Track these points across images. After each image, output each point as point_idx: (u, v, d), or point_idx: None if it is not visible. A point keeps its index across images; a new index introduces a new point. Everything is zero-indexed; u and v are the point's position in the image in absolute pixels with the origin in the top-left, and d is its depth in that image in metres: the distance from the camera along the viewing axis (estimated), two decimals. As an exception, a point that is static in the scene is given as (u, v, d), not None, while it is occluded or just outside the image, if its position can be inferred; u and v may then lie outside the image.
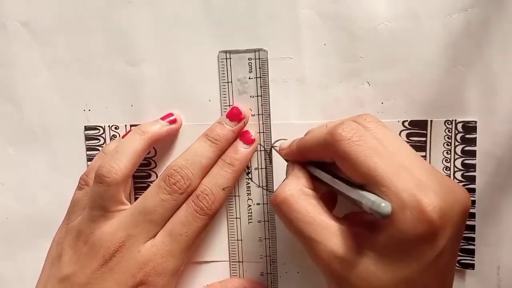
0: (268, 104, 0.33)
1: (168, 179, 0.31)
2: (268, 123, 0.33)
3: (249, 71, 0.32)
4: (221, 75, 0.33)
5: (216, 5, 0.32)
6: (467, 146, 0.31)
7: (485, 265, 0.32)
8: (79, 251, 0.31)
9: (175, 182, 0.31)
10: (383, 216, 0.22)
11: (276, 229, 0.34)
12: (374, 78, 0.32)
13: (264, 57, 0.32)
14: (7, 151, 0.35)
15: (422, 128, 0.31)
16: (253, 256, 0.34)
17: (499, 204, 0.31)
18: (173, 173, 0.31)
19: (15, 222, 0.36)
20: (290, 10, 0.32)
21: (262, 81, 0.32)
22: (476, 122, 0.31)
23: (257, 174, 0.33)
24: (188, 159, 0.31)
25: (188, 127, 0.33)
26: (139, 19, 0.33)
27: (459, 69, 0.31)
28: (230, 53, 0.32)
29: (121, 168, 0.30)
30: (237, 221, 0.34)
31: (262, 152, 0.33)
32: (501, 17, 0.30)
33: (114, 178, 0.30)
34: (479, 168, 0.31)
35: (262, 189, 0.33)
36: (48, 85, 0.34)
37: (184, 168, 0.31)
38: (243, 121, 0.32)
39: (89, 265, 0.30)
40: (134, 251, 0.30)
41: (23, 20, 0.34)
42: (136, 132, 0.32)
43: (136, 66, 0.33)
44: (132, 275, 0.30)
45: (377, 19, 0.31)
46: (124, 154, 0.31)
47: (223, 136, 0.32)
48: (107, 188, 0.30)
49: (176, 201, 0.31)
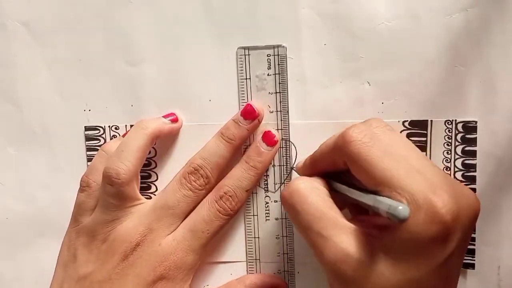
0: (287, 101, 0.32)
1: (189, 176, 0.32)
2: (286, 120, 0.33)
3: (268, 68, 0.32)
4: (239, 71, 0.33)
5: (216, 5, 0.32)
6: (468, 146, 0.31)
7: (485, 265, 0.32)
8: (96, 249, 0.31)
9: (195, 180, 0.31)
10: (401, 219, 0.22)
11: (293, 227, 0.33)
12: (374, 78, 0.32)
13: (283, 54, 0.32)
14: (7, 151, 0.35)
15: (422, 128, 0.31)
16: (270, 254, 0.34)
17: (499, 204, 0.31)
18: (193, 170, 0.32)
19: (15, 222, 0.36)
20: (290, 10, 0.32)
21: (280, 77, 0.32)
22: (476, 122, 0.31)
23: (273, 172, 0.33)
24: (205, 158, 0.32)
25: (188, 127, 0.33)
26: (139, 19, 0.33)
27: (459, 69, 0.31)
28: (249, 49, 0.32)
29: (129, 167, 0.30)
30: (254, 218, 0.34)
31: (281, 149, 0.33)
32: (501, 17, 0.30)
33: (124, 179, 0.30)
34: (479, 168, 0.31)
35: (280, 186, 0.33)
36: (48, 85, 0.34)
37: (203, 167, 0.32)
38: (257, 119, 0.32)
39: (109, 261, 0.30)
40: (155, 244, 0.30)
41: (23, 20, 0.34)
42: (138, 127, 0.32)
43: (136, 66, 0.33)
44: (153, 268, 0.30)
45: (377, 19, 0.31)
46: (130, 152, 0.31)
47: (238, 135, 0.32)
48: (120, 189, 0.30)
49: (198, 197, 0.32)
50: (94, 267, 0.30)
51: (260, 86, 0.32)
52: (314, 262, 0.33)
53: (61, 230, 0.35)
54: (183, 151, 0.33)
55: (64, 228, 0.34)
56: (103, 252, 0.30)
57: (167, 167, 0.34)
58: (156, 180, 0.34)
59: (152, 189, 0.34)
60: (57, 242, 0.34)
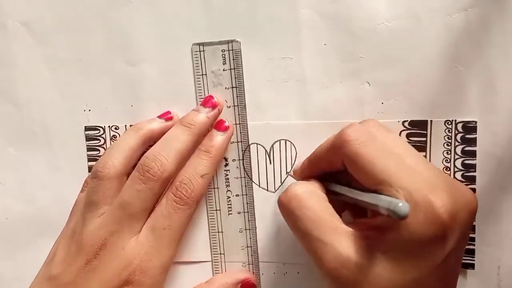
0: (243, 95, 0.32)
1: (141, 167, 0.30)
2: (244, 114, 0.33)
3: (223, 63, 0.32)
4: (195, 68, 0.33)
5: (216, 5, 0.32)
6: (467, 146, 0.31)
7: (485, 265, 0.32)
8: (69, 251, 0.30)
9: (148, 170, 0.30)
10: (401, 216, 0.22)
11: (255, 221, 0.34)
12: (374, 78, 0.32)
13: (238, 48, 0.32)
14: (7, 151, 0.35)
15: (422, 128, 0.31)
16: (234, 247, 0.34)
17: (499, 204, 0.31)
18: (146, 161, 0.30)
19: (15, 222, 0.36)
20: (290, 10, 0.32)
21: (236, 72, 0.32)
22: (476, 122, 0.31)
23: (234, 166, 0.33)
24: (161, 145, 0.31)
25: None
26: (139, 19, 0.33)
27: (459, 69, 0.31)
28: (204, 45, 0.32)
29: (114, 163, 0.30)
30: (217, 213, 0.34)
31: (238, 143, 0.33)
32: (501, 17, 0.30)
33: (107, 173, 0.30)
34: (479, 168, 0.31)
35: (241, 180, 0.33)
36: (48, 85, 0.34)
37: (157, 154, 0.30)
38: (217, 108, 0.32)
39: (75, 264, 0.30)
40: (118, 248, 0.29)
41: (23, 20, 0.34)
42: (131, 129, 0.32)
43: (136, 66, 0.33)
44: (117, 274, 0.29)
45: (377, 19, 0.31)
46: (118, 150, 0.31)
47: (198, 121, 0.32)
48: (100, 182, 0.30)
49: (152, 191, 0.30)
50: (63, 268, 0.30)
51: (216, 82, 0.33)
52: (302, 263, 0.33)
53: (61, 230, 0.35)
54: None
55: (64, 228, 0.34)
56: (72, 254, 0.30)
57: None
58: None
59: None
60: (57, 242, 0.34)
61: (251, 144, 0.33)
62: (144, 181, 0.30)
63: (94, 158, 0.34)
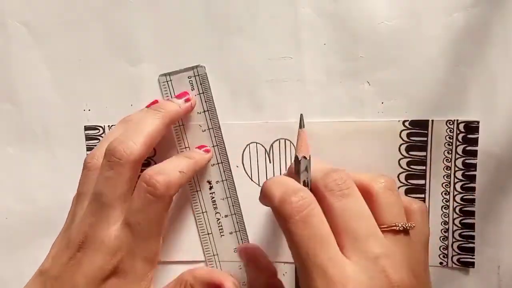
0: (216, 117, 0.33)
1: (108, 152, 0.28)
2: (220, 135, 0.33)
3: (191, 89, 0.33)
4: (165, 97, 0.33)
5: (216, 5, 0.32)
6: (469, 146, 0.31)
7: (485, 265, 0.32)
8: (60, 245, 0.30)
9: (114, 153, 0.28)
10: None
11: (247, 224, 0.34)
12: (374, 78, 0.32)
13: (203, 73, 0.33)
14: (7, 151, 0.35)
15: (423, 128, 0.31)
16: (227, 250, 0.34)
17: (499, 204, 0.31)
18: (112, 144, 0.28)
19: (15, 222, 0.36)
20: (290, 10, 0.32)
21: (205, 96, 0.33)
22: (478, 123, 0.31)
23: (219, 188, 0.33)
24: (128, 129, 0.30)
25: (188, 126, 0.33)
26: (139, 19, 0.33)
27: (460, 69, 0.31)
28: (170, 75, 0.33)
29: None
30: (210, 236, 0.34)
31: (219, 165, 0.33)
32: (501, 17, 0.30)
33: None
34: (480, 168, 0.31)
35: (227, 200, 0.33)
36: (48, 85, 0.34)
37: (124, 137, 0.29)
38: (190, 103, 0.32)
39: (61, 258, 0.29)
40: (98, 241, 0.28)
41: (23, 20, 0.34)
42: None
43: (136, 66, 0.33)
44: (100, 267, 0.28)
45: (377, 19, 0.31)
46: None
47: (169, 107, 0.31)
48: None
49: (122, 176, 0.28)
50: (53, 262, 0.29)
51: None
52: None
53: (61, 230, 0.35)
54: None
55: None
56: (62, 248, 0.29)
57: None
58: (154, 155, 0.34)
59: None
60: (57, 242, 0.34)
61: (250, 143, 0.33)
62: (111, 165, 0.28)
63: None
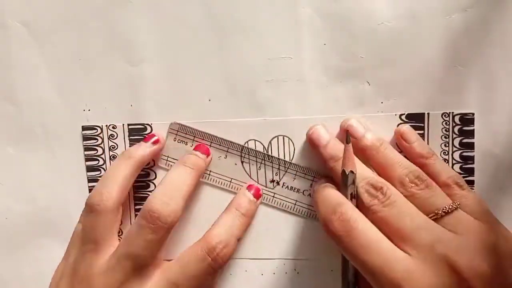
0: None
1: (149, 214, 0.28)
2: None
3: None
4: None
5: (216, 5, 0.32)
6: (465, 139, 0.31)
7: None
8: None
9: (158, 217, 0.28)
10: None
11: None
12: (374, 78, 0.32)
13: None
14: (7, 151, 0.35)
15: (419, 121, 0.32)
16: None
17: (499, 204, 0.31)
18: (154, 206, 0.28)
19: (15, 222, 0.36)
20: (290, 10, 0.32)
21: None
22: (473, 114, 0.31)
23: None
24: (168, 189, 0.30)
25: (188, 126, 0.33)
26: (139, 19, 0.33)
27: (459, 69, 0.31)
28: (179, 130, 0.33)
29: (111, 195, 0.30)
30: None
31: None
32: (500, 17, 0.30)
33: (104, 206, 0.29)
34: (478, 168, 0.31)
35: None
36: (48, 85, 0.34)
37: (162, 195, 0.29)
38: (210, 157, 0.33)
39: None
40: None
41: (23, 20, 0.34)
42: (122, 157, 0.32)
43: (136, 66, 0.33)
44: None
45: (377, 19, 0.31)
46: (112, 180, 0.30)
47: (199, 164, 0.32)
48: (98, 217, 0.29)
49: (163, 239, 0.29)
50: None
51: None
52: (313, 260, 0.33)
53: (61, 230, 0.35)
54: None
55: (63, 228, 0.34)
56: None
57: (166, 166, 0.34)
58: (155, 178, 0.34)
59: (151, 188, 0.34)
60: (57, 242, 0.34)
61: (249, 140, 0.33)
62: (155, 230, 0.28)
63: (92, 157, 0.34)
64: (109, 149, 0.34)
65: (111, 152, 0.34)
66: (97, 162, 0.34)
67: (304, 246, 0.33)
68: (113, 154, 0.34)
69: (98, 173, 0.34)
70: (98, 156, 0.34)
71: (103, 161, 0.34)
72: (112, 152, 0.34)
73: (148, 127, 0.34)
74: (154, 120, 0.34)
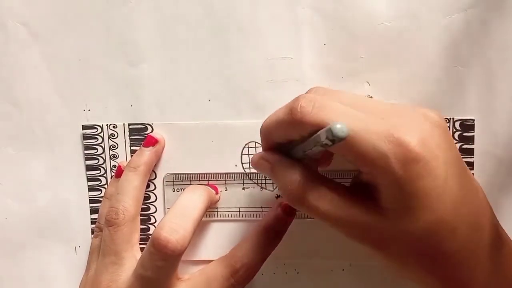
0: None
1: (158, 243, 0.28)
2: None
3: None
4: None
5: (216, 5, 0.32)
6: (465, 145, 0.31)
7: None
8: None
9: (166, 244, 0.27)
10: (341, 137, 0.20)
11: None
12: (374, 78, 0.32)
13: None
14: (7, 151, 0.35)
15: None
16: None
17: (499, 204, 0.31)
18: (161, 234, 0.28)
19: (15, 222, 0.36)
20: (290, 10, 0.32)
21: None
22: (474, 120, 0.31)
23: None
24: (177, 215, 0.29)
25: (189, 126, 0.33)
26: (139, 19, 0.33)
27: (459, 69, 0.31)
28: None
29: (127, 207, 0.31)
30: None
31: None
32: (500, 18, 0.30)
33: (122, 218, 0.31)
34: (479, 169, 0.31)
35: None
36: (47, 85, 0.34)
37: (170, 222, 0.28)
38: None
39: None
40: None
41: (23, 20, 0.34)
42: (128, 170, 0.32)
43: (136, 66, 0.33)
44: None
45: (377, 19, 0.31)
46: (126, 193, 0.32)
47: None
48: (117, 229, 0.30)
49: (174, 264, 0.29)
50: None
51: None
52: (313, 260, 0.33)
53: (61, 230, 0.35)
54: (184, 153, 0.33)
55: (63, 228, 0.34)
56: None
57: (166, 165, 0.34)
58: (155, 178, 0.34)
59: (151, 187, 0.34)
60: (57, 242, 0.34)
61: (249, 142, 0.33)
62: (164, 257, 0.28)
63: (92, 157, 0.34)
64: (109, 148, 0.34)
65: (111, 152, 0.34)
66: (97, 161, 0.34)
67: (304, 246, 0.33)
68: (113, 154, 0.34)
69: (98, 172, 0.34)
70: (98, 155, 0.34)
71: (103, 160, 0.34)
72: (112, 151, 0.34)
73: (148, 127, 0.34)
74: (155, 120, 0.34)
